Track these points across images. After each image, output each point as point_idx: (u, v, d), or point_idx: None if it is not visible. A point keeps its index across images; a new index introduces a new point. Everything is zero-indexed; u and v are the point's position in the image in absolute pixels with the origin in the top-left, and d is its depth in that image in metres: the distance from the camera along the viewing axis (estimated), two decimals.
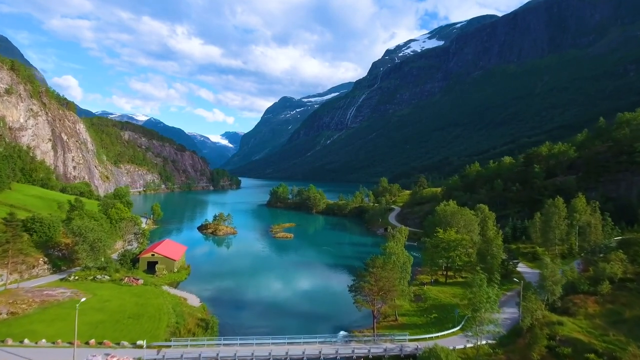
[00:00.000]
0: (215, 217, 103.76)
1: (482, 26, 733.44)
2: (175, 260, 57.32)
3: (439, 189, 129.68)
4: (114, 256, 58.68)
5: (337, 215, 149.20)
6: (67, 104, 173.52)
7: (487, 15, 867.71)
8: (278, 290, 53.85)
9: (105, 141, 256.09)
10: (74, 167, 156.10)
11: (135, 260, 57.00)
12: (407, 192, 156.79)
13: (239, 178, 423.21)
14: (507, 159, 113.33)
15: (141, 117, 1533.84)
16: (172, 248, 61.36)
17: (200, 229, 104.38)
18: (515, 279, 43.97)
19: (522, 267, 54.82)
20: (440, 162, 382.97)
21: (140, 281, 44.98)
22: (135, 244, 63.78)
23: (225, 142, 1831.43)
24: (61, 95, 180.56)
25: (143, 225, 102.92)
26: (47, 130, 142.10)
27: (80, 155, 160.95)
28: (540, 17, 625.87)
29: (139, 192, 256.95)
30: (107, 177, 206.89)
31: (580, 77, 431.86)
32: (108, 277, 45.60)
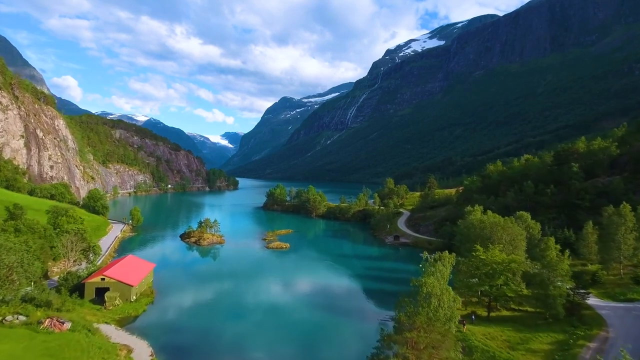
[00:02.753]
0: (200, 224, 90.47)
1: (484, 25, 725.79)
2: (132, 286, 44.01)
3: (452, 191, 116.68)
4: (52, 281, 45.45)
5: (339, 220, 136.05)
6: (45, 98, 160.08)
7: (487, 15, 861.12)
8: (265, 330, 40.51)
9: (93, 140, 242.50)
10: (51, 167, 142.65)
11: (80, 287, 43.75)
12: (415, 194, 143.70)
13: (238, 178, 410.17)
14: (526, 157, 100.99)
15: (141, 118, 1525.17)
16: (131, 268, 48.02)
17: (183, 237, 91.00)
18: (583, 324, 31.10)
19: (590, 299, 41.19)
20: (443, 162, 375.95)
21: (66, 325, 31.81)
22: (84, 264, 50.19)
23: (225, 142, 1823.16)
24: (39, 88, 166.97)
25: (117, 233, 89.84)
26: (19, 125, 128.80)
27: (59, 154, 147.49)
28: (542, 16, 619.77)
29: (129, 193, 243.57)
30: (93, 178, 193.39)
31: (584, 76, 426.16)
32: (24, 318, 32.50)
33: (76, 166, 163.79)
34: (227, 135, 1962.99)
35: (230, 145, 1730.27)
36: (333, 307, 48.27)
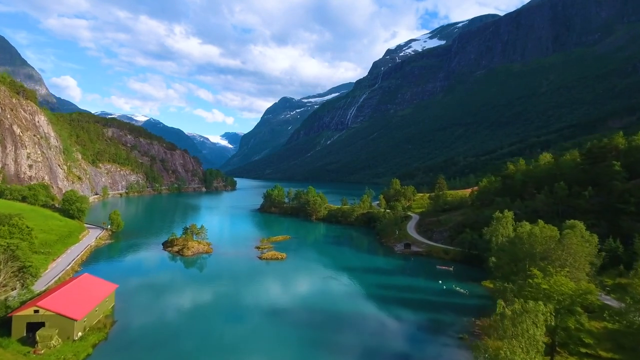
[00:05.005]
0: (185, 230, 79.91)
1: (485, 25, 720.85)
2: (76, 320, 33.52)
3: (466, 192, 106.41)
4: None
5: (340, 223, 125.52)
6: (24, 92, 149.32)
7: (488, 15, 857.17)
8: None
9: (83, 138, 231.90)
10: (30, 166, 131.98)
11: (6, 322, 33.27)
12: (422, 195, 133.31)
13: (238, 179, 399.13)
14: (544, 154, 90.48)
15: (140, 118, 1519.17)
16: (79, 294, 37.49)
17: (165, 245, 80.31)
18: None
19: None
20: (445, 162, 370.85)
21: None
22: (18, 289, 39.24)
23: (225, 142, 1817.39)
24: (17, 81, 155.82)
25: (91, 241, 79.24)
26: None
27: (39, 152, 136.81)
28: (544, 16, 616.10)
29: (120, 194, 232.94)
30: (80, 178, 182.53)
31: (587, 75, 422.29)
32: None
33: (59, 165, 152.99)
34: (227, 136, 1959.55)
35: (230, 146, 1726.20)
36: (337, 346, 37.70)
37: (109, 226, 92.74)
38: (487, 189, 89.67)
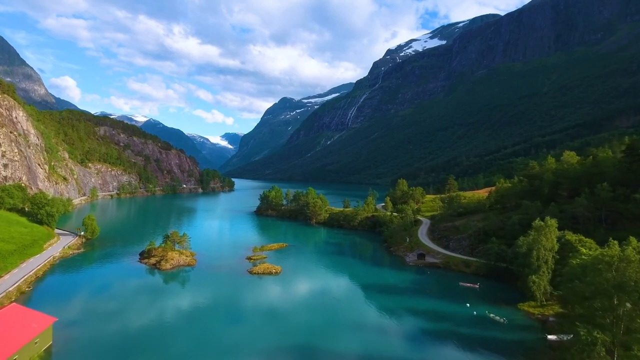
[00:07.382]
0: (165, 239, 69.48)
1: (486, 24, 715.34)
2: None
3: (482, 193, 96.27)
4: None
5: (343, 228, 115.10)
6: (0, 85, 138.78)
7: (489, 14, 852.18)
8: None
9: (72, 136, 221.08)
10: (5, 166, 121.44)
11: None
12: (434, 197, 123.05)
13: (238, 179, 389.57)
14: (566, 153, 79.73)
15: (140, 118, 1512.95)
16: None
17: (142, 256, 69.73)
18: None
19: None
20: (448, 162, 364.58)
21: None
22: None
23: (224, 143, 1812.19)
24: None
25: (56, 251, 68.68)
26: None
27: (16, 151, 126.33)
28: (546, 15, 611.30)
29: (111, 195, 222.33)
30: (65, 179, 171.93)
31: (590, 75, 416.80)
32: None
33: (39, 165, 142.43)
34: (227, 136, 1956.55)
35: (230, 146, 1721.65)
36: None
37: (82, 232, 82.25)
38: (510, 190, 79.44)
